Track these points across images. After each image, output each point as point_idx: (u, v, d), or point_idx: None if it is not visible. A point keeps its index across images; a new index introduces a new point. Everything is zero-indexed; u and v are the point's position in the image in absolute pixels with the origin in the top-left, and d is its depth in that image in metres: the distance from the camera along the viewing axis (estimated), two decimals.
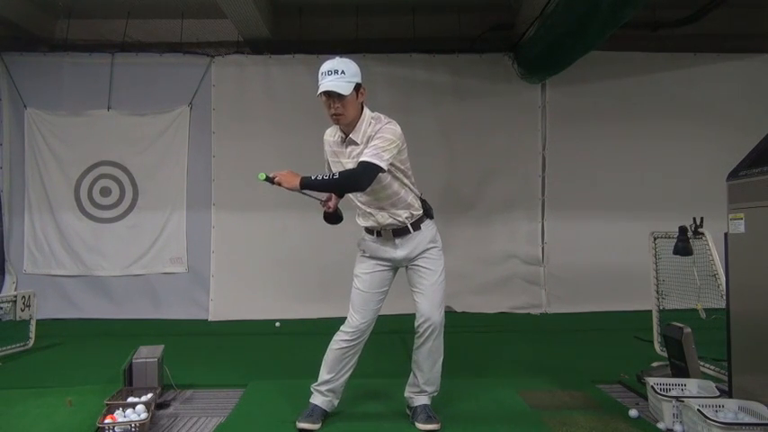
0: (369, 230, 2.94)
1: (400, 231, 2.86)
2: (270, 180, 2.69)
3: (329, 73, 2.69)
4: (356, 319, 2.90)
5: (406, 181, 2.86)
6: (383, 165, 2.64)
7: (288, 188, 2.68)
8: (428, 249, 2.90)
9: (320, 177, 2.66)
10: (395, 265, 2.95)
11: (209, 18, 6.23)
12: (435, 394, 3.00)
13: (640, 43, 6.14)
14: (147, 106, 6.14)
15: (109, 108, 6.13)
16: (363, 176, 2.63)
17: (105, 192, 6.18)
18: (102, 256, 6.12)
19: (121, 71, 6.16)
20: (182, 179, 6.17)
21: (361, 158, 2.65)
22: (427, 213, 2.93)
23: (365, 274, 2.93)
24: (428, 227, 2.92)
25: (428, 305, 2.85)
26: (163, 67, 6.16)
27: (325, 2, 6.10)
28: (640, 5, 4.08)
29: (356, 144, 2.79)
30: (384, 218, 2.85)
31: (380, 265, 2.92)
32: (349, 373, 2.98)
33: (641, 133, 6.15)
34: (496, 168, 6.23)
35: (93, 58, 6.16)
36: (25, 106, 6.14)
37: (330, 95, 2.70)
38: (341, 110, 2.71)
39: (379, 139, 2.68)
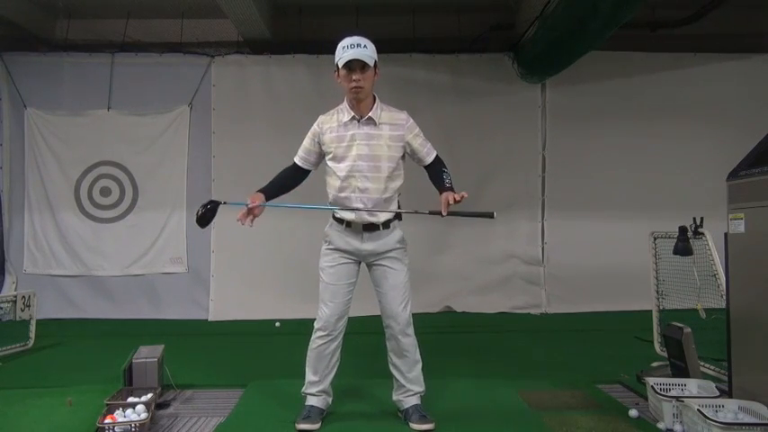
0: (338, 221, 2.91)
1: (370, 227, 2.86)
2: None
3: (353, 46, 2.74)
4: (325, 313, 2.90)
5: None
6: None
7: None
8: (395, 249, 2.91)
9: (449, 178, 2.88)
10: (358, 259, 2.93)
11: (209, 18, 6.23)
12: (424, 393, 2.99)
13: (640, 43, 6.13)
14: (147, 106, 6.14)
15: (109, 108, 6.13)
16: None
17: (105, 192, 6.18)
18: (102, 256, 6.12)
19: (121, 71, 6.16)
20: (182, 179, 6.17)
21: (431, 157, 2.94)
22: (398, 215, 2.93)
23: (330, 267, 2.94)
24: (397, 227, 2.93)
25: (391, 306, 2.86)
26: (163, 67, 6.16)
27: (325, 2, 6.10)
28: (640, 5, 4.08)
29: (374, 124, 2.82)
30: (370, 215, 2.84)
31: (344, 257, 2.91)
32: (333, 372, 2.96)
33: (641, 133, 6.14)
34: (496, 168, 6.23)
35: (93, 58, 6.17)
36: (25, 106, 6.15)
37: (352, 68, 2.73)
38: (362, 82, 2.75)
39: (420, 137, 2.92)
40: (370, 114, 2.82)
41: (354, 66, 2.72)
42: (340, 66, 2.75)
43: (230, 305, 5.98)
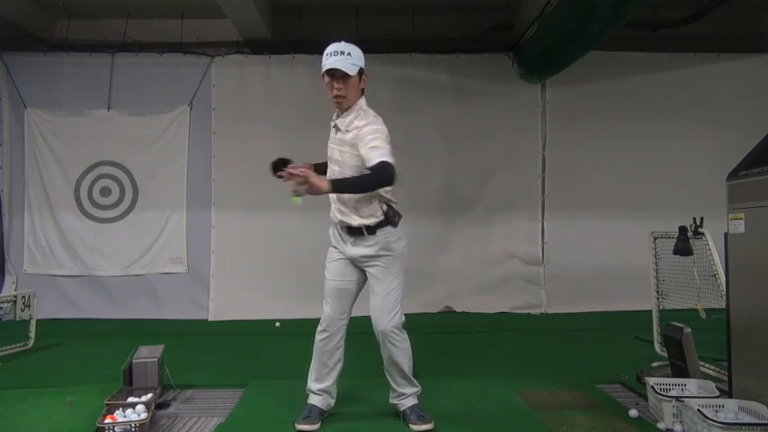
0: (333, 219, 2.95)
1: (354, 231, 2.85)
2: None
3: (335, 53, 2.70)
4: (325, 310, 2.94)
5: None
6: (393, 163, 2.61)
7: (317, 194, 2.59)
8: (380, 256, 2.83)
9: (349, 178, 2.68)
10: (352, 261, 2.92)
11: (209, 18, 6.23)
12: (420, 392, 2.99)
13: (640, 43, 6.13)
14: (147, 106, 6.14)
15: (109, 108, 6.13)
16: (386, 174, 2.59)
17: (105, 192, 6.18)
18: (102, 256, 6.11)
19: (121, 71, 6.16)
20: (182, 179, 6.16)
21: (378, 160, 2.59)
22: (389, 221, 2.82)
23: (330, 263, 2.97)
24: (385, 233, 2.82)
25: (376, 313, 2.84)
26: (163, 67, 6.15)
27: (325, 2, 6.10)
28: (641, 6, 4.07)
29: (340, 131, 2.80)
30: (341, 213, 2.86)
31: (340, 254, 2.93)
32: (335, 373, 2.97)
33: (641, 133, 6.14)
34: (496, 168, 6.22)
35: (93, 58, 6.16)
36: (25, 106, 6.14)
37: (334, 75, 2.69)
38: (343, 91, 2.72)
39: (367, 145, 2.64)
40: (337, 121, 2.81)
41: (336, 74, 2.69)
42: (323, 72, 2.73)
43: (230, 305, 5.97)
